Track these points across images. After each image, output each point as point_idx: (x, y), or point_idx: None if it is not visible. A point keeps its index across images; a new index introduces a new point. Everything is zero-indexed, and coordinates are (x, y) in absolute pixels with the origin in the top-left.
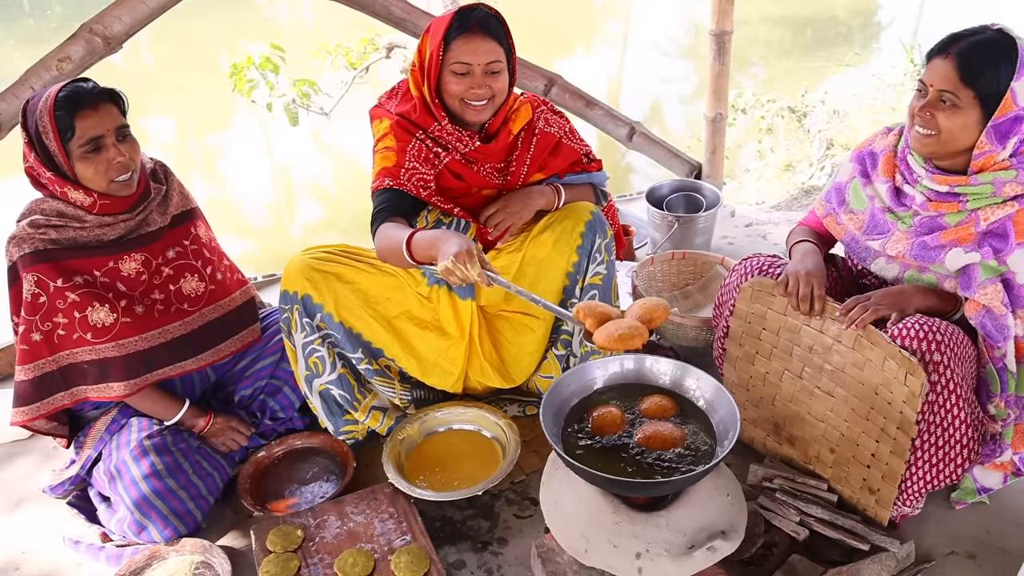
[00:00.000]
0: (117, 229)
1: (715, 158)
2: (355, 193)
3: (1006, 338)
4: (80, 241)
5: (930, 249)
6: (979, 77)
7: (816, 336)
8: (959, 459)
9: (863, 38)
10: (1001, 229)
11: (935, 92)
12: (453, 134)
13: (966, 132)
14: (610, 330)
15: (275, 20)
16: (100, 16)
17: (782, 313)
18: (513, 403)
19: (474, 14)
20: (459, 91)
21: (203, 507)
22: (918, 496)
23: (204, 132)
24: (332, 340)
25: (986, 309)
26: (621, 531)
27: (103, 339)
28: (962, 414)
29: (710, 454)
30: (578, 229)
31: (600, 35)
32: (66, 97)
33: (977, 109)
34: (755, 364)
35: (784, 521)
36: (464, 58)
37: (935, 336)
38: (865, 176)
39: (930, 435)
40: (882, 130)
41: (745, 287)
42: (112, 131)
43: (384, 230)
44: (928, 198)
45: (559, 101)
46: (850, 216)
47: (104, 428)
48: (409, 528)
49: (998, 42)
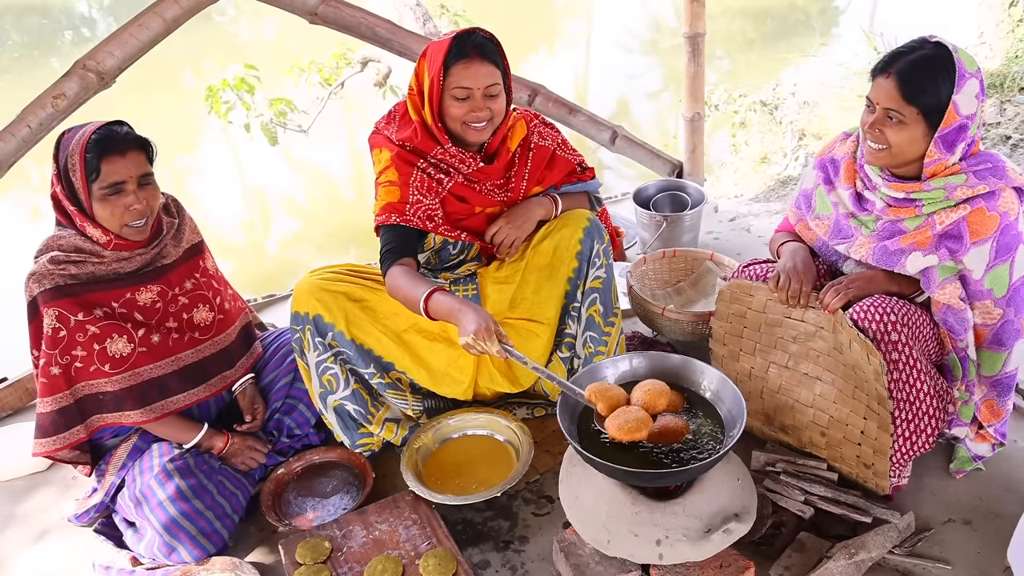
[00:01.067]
0: (134, 262)
1: (695, 156)
2: (330, 208)
3: (966, 330)
4: (98, 275)
5: (891, 253)
6: (920, 95)
7: (798, 325)
8: (929, 428)
9: (822, 24)
10: (956, 231)
11: (881, 110)
12: (456, 156)
13: (913, 144)
14: (619, 421)
15: (237, 37)
16: (92, 52)
17: (761, 311)
18: (522, 406)
19: (471, 39)
20: (460, 114)
21: (229, 526)
22: (901, 466)
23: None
24: (344, 357)
25: (947, 306)
26: (641, 520)
27: (120, 370)
28: (925, 387)
29: (719, 441)
30: (576, 236)
31: (563, 35)
32: (98, 140)
33: (922, 123)
34: (740, 361)
35: (790, 501)
36: (464, 83)
37: (891, 316)
38: (828, 183)
39: (900, 410)
40: (840, 135)
41: (723, 290)
42: (135, 178)
43: (397, 278)
44: (888, 203)
45: (543, 110)
46: (817, 221)
47: (126, 455)
48: (433, 532)
49: (935, 58)
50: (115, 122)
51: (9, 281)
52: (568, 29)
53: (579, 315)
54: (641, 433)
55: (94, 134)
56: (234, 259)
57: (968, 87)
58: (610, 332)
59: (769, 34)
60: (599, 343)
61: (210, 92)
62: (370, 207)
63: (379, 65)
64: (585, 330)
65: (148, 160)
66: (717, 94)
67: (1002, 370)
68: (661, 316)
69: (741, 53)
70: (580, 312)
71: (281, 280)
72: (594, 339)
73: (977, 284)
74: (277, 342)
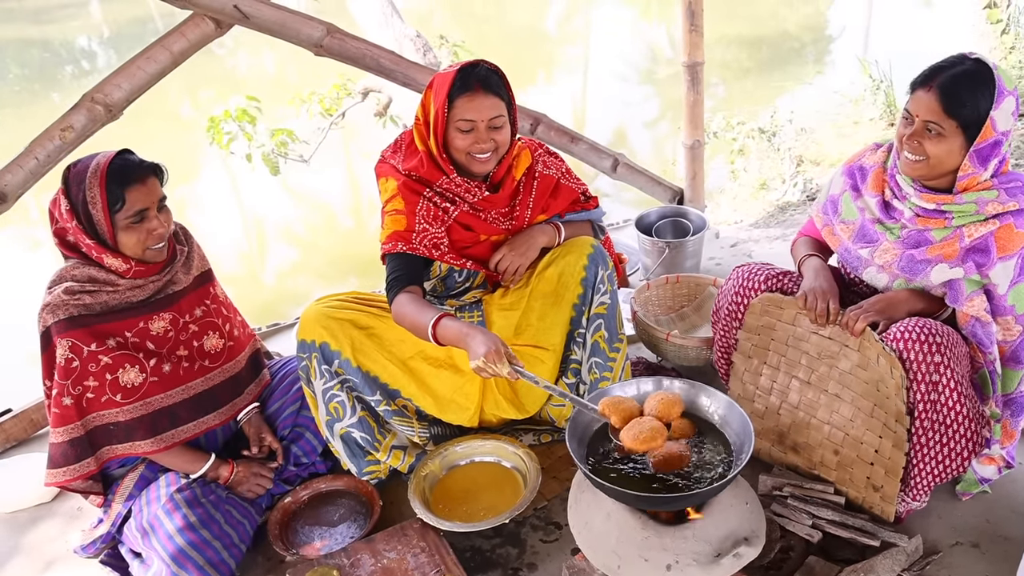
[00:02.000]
0: (146, 290)
1: (696, 183)
2: (331, 237)
3: (993, 343)
4: (112, 304)
5: (917, 263)
6: (960, 108)
7: (823, 342)
8: (964, 452)
9: (816, 52)
10: (983, 245)
11: (921, 122)
12: (462, 185)
13: (951, 156)
14: (634, 431)
15: (236, 70)
16: (101, 85)
17: (791, 323)
18: (528, 433)
19: (475, 72)
20: (464, 146)
21: (236, 556)
22: (926, 491)
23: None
24: (351, 384)
25: (975, 318)
26: (651, 545)
27: (131, 400)
28: (964, 410)
29: (728, 465)
30: (581, 263)
31: (560, 64)
32: (117, 170)
33: (960, 136)
34: (762, 375)
35: (797, 525)
36: (468, 115)
37: (934, 338)
38: (855, 190)
39: (934, 432)
40: (871, 145)
41: (755, 303)
42: (155, 204)
43: (404, 305)
44: (916, 213)
45: (545, 138)
46: (843, 226)
47: (132, 484)
48: (442, 560)
49: (976, 73)
50: (124, 151)
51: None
52: (565, 58)
53: (584, 341)
54: (657, 442)
55: (111, 164)
56: (235, 288)
57: (1006, 104)
58: (615, 358)
59: (764, 62)
60: (604, 369)
61: (212, 123)
62: (371, 236)
63: (380, 95)
64: (590, 356)
65: (161, 184)
66: (715, 121)
67: (1017, 389)
68: (666, 342)
69: (736, 81)
70: (585, 338)
71: (282, 309)
72: (599, 365)
73: (1001, 299)
74: (284, 370)
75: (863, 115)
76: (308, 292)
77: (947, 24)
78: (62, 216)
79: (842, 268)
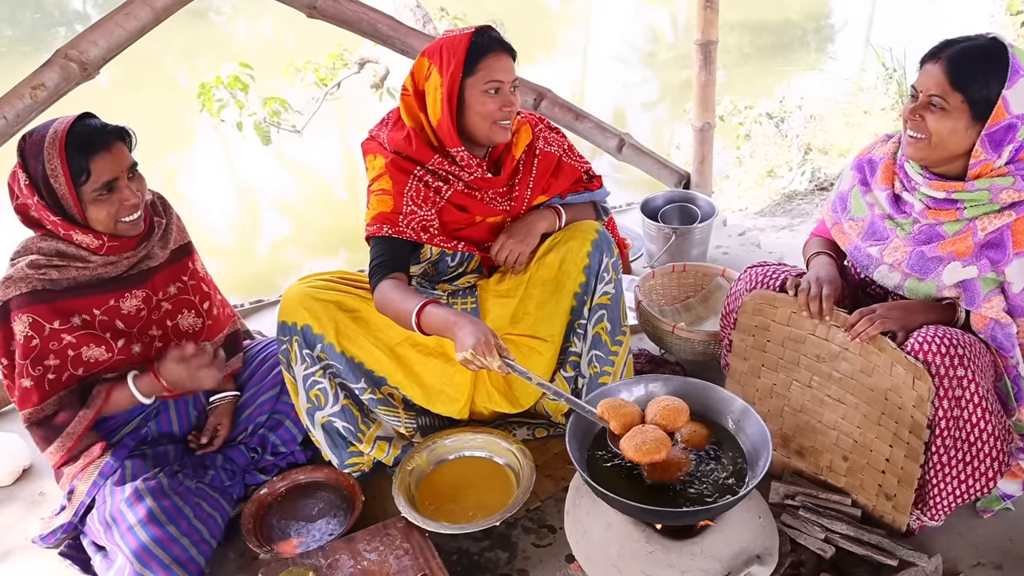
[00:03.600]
0: (120, 267)
1: (704, 167)
2: (322, 209)
3: (1014, 345)
4: (80, 280)
5: (927, 260)
6: (968, 82)
7: (822, 344)
8: (989, 472)
9: (818, 40)
10: (998, 239)
11: (925, 96)
12: (464, 160)
13: (955, 136)
14: (636, 442)
15: (233, 37)
16: (75, 41)
17: (785, 324)
18: (522, 426)
19: (493, 35)
20: (492, 110)
21: (206, 552)
22: (946, 510)
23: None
24: (334, 371)
25: (994, 321)
26: (655, 561)
27: (94, 372)
28: (989, 427)
29: (742, 476)
30: (584, 249)
31: (560, 43)
32: (78, 137)
33: (966, 114)
34: (761, 377)
35: (809, 539)
36: (497, 76)
37: (957, 350)
38: (864, 184)
39: (957, 450)
40: (882, 137)
41: (747, 300)
42: (125, 172)
43: (387, 291)
44: (927, 206)
45: (548, 114)
46: (852, 223)
47: (97, 471)
48: (426, 563)
49: (988, 49)
50: (84, 115)
51: None
52: (565, 37)
53: (585, 332)
54: (660, 454)
55: (69, 131)
56: (223, 261)
57: (1020, 84)
58: (617, 351)
59: (766, 48)
60: (605, 363)
61: (203, 89)
62: (362, 210)
63: (377, 66)
64: (591, 348)
65: (130, 149)
66: (722, 105)
67: None
68: (671, 334)
69: (737, 67)
70: (586, 329)
71: (271, 282)
72: (600, 358)
73: (1016, 298)
74: (263, 353)
75: (874, 104)
76: (299, 264)
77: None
78: (22, 192)
79: (852, 268)
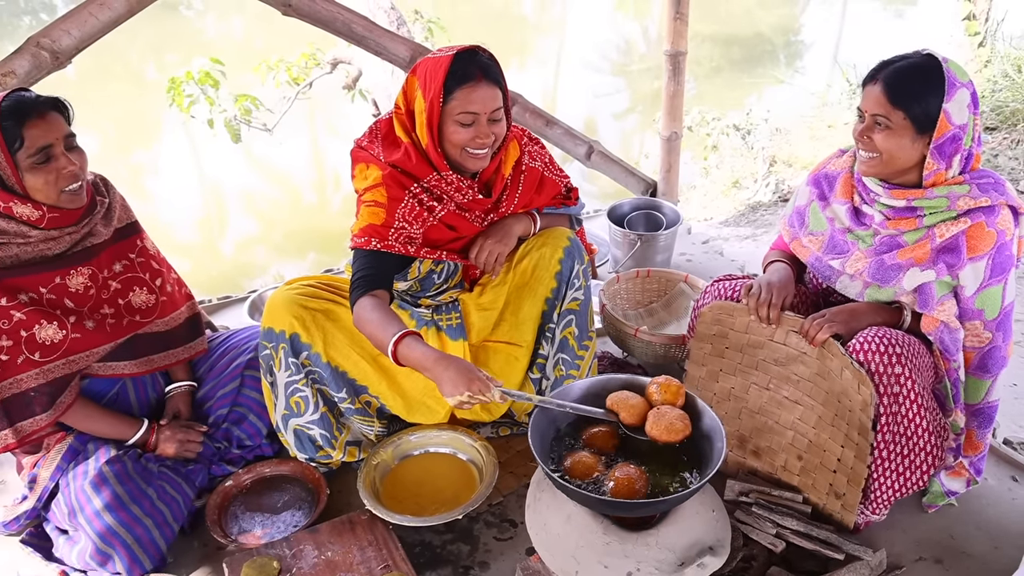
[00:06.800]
0: (62, 243)
1: (670, 176)
2: (291, 210)
3: (958, 350)
4: (23, 258)
5: (887, 268)
6: (906, 99)
7: (780, 348)
8: (924, 466)
9: (788, 55)
10: (954, 244)
11: (870, 117)
12: (453, 183)
13: (903, 151)
14: (664, 424)
15: (203, 33)
16: (47, 30)
17: (743, 331)
18: (486, 424)
19: (476, 60)
20: (463, 140)
21: (168, 536)
22: (886, 504)
23: (132, 147)
24: (315, 378)
25: (944, 324)
26: (611, 551)
27: (52, 357)
28: (924, 422)
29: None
30: (556, 256)
31: (532, 49)
32: (11, 107)
33: (910, 129)
34: (719, 381)
35: (761, 534)
36: (471, 108)
37: (895, 348)
38: (823, 199)
39: (895, 444)
40: (836, 152)
41: (704, 311)
42: (60, 140)
43: (367, 311)
44: (887, 216)
45: (519, 119)
46: (811, 238)
47: (59, 457)
48: (389, 555)
49: (922, 65)
50: (19, 88)
51: None
52: (539, 45)
53: (553, 336)
54: (688, 430)
55: (3, 102)
56: (190, 257)
57: (959, 96)
58: (583, 356)
59: (736, 61)
60: (571, 366)
61: (172, 84)
62: (333, 212)
63: (349, 67)
64: (558, 352)
65: (67, 121)
66: (691, 116)
67: (984, 399)
68: (633, 337)
69: (707, 78)
70: (555, 333)
71: (236, 281)
72: (567, 362)
73: (968, 302)
74: (224, 346)
75: (838, 119)
76: (265, 265)
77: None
78: None
79: (813, 279)
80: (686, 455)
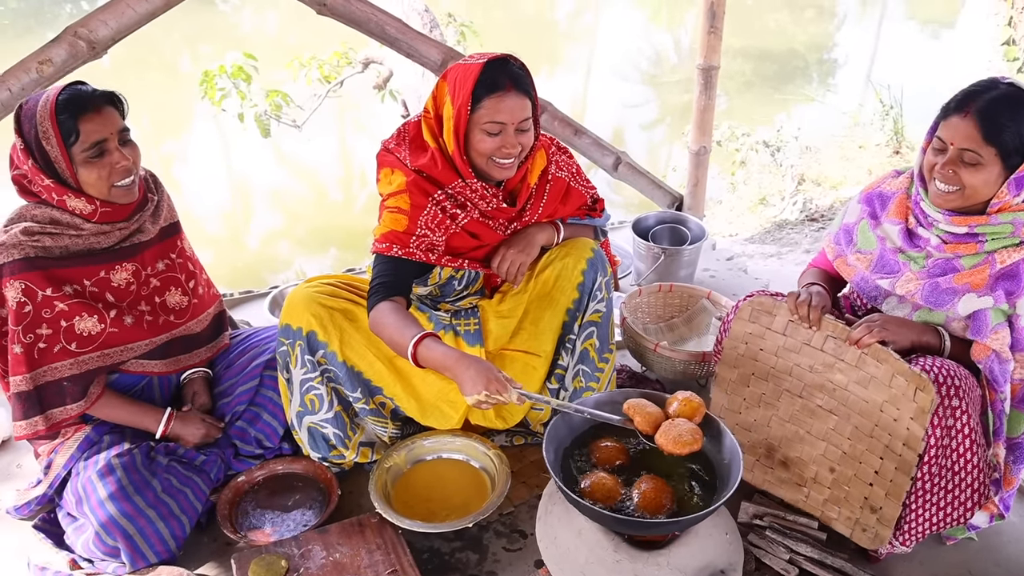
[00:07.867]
0: (112, 238)
1: (697, 190)
2: (316, 206)
3: (1007, 381)
4: (73, 249)
5: (942, 292)
6: (1000, 134)
7: (816, 354)
8: (968, 503)
9: (820, 73)
10: (1014, 271)
11: (956, 150)
12: (478, 191)
13: (987, 186)
14: (674, 435)
15: (239, 27)
16: (85, 20)
17: (781, 332)
18: (500, 433)
19: (507, 70)
20: (489, 150)
21: (175, 528)
22: (919, 537)
23: (163, 138)
24: (331, 376)
25: (995, 353)
26: (622, 570)
27: (87, 349)
28: (975, 459)
29: (712, 491)
30: (579, 267)
31: (563, 57)
32: (68, 100)
33: (999, 164)
34: (750, 386)
35: (774, 559)
36: (499, 118)
37: (954, 381)
38: (874, 217)
39: (940, 478)
40: (891, 172)
41: (743, 306)
42: (115, 135)
43: (385, 315)
44: (944, 240)
45: (548, 128)
46: (859, 256)
47: (75, 446)
48: (397, 559)
49: (1013, 97)
50: (77, 82)
51: None
52: (570, 52)
53: (573, 347)
54: (697, 445)
55: (60, 95)
56: (215, 250)
57: None
58: (603, 368)
59: (767, 77)
60: (591, 379)
61: (206, 77)
62: (357, 210)
63: (381, 68)
64: (578, 363)
65: (121, 116)
66: (720, 130)
67: (1023, 433)
68: (653, 352)
69: (738, 93)
70: (575, 344)
71: (258, 274)
72: (586, 373)
73: (1022, 332)
74: (244, 344)
75: (869, 140)
76: (287, 260)
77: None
78: (19, 157)
79: (857, 299)
80: (704, 476)
